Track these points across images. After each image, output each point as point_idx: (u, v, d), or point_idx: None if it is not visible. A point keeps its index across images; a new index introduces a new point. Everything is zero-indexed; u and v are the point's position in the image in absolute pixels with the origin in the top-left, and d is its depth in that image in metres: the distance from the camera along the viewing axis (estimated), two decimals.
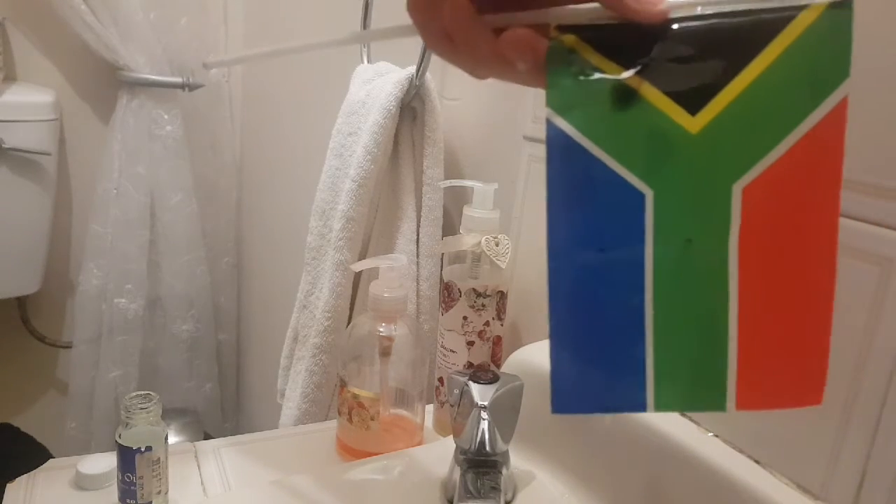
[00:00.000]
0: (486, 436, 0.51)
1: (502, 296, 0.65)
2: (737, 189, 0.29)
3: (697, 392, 0.30)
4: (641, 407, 0.31)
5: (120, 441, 0.52)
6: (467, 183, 0.66)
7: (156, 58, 1.45)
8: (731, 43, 0.28)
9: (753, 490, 0.43)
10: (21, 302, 1.55)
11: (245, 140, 1.65)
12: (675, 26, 0.28)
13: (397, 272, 0.63)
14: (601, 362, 0.31)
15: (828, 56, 0.27)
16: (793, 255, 0.29)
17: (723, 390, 0.30)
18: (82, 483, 0.58)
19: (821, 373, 0.29)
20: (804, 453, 0.43)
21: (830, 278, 0.29)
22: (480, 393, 0.51)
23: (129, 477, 0.52)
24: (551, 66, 0.29)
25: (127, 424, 0.52)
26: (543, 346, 0.62)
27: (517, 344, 0.67)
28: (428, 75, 0.75)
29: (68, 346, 1.56)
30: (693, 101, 0.28)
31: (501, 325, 0.65)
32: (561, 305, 0.30)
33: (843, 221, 0.40)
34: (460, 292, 0.63)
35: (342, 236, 0.76)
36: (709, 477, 0.45)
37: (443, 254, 0.72)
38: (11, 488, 0.57)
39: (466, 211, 0.65)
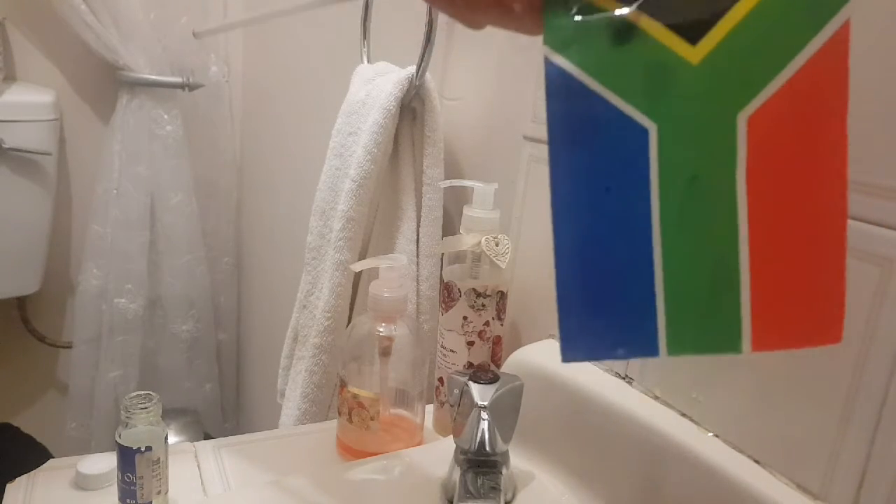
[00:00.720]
0: (486, 436, 0.51)
1: (502, 296, 0.65)
2: (741, 119, 0.28)
3: (711, 334, 0.30)
4: (653, 351, 0.30)
5: (120, 441, 0.52)
6: (467, 183, 0.66)
7: (156, 58, 1.45)
8: None
9: (753, 490, 0.43)
10: (21, 302, 1.55)
11: (245, 140, 1.65)
12: None
13: (397, 272, 0.63)
14: (610, 306, 0.30)
15: None
16: (801, 187, 0.28)
17: (738, 331, 0.29)
18: (82, 483, 0.58)
19: (838, 308, 0.29)
20: (804, 453, 0.43)
21: (842, 207, 0.28)
22: (480, 393, 0.51)
23: (129, 477, 0.52)
24: (548, 4, 0.29)
25: (127, 424, 0.52)
26: (543, 346, 0.62)
27: (517, 344, 0.67)
28: (428, 75, 0.75)
29: (68, 346, 1.56)
30: (693, 30, 0.28)
31: (501, 325, 0.65)
32: (566, 249, 0.29)
33: None
34: (460, 292, 0.63)
35: (342, 236, 0.76)
36: (709, 477, 0.45)
37: (443, 254, 0.72)
38: (11, 488, 0.57)
39: (466, 211, 0.65)
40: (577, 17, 0.28)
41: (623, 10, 0.28)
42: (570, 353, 0.30)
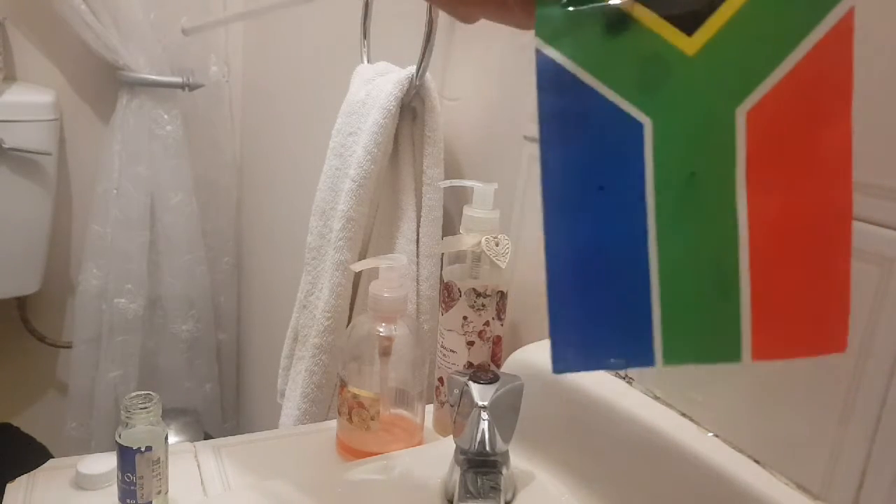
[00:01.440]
0: (486, 436, 0.51)
1: (502, 296, 0.65)
2: (740, 114, 0.27)
3: (709, 342, 0.28)
4: (649, 361, 0.28)
5: (120, 441, 0.52)
6: (467, 183, 0.66)
7: (156, 58, 1.45)
8: None
9: (753, 490, 0.43)
10: (21, 302, 1.55)
11: (245, 140, 1.65)
12: None
13: (397, 272, 0.63)
14: (603, 314, 0.28)
15: None
16: (804, 186, 0.27)
17: (737, 339, 0.28)
18: (82, 483, 0.58)
19: (843, 316, 0.27)
20: (804, 453, 0.43)
21: (846, 208, 0.27)
22: (480, 393, 0.51)
23: (129, 477, 0.52)
24: None
25: (127, 424, 0.52)
26: (543, 346, 0.62)
27: (517, 344, 0.67)
28: (428, 75, 0.75)
29: (68, 346, 1.57)
30: (689, 20, 0.27)
31: (501, 325, 0.65)
32: (558, 253, 0.28)
33: None
34: (460, 292, 0.63)
35: (342, 236, 0.76)
36: (709, 477, 0.45)
37: (443, 254, 0.72)
38: (11, 488, 0.57)
39: (466, 211, 0.65)
40: (570, 7, 0.27)
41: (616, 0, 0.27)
42: (562, 363, 0.29)
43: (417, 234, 0.78)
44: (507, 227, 0.69)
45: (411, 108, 0.78)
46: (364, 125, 0.76)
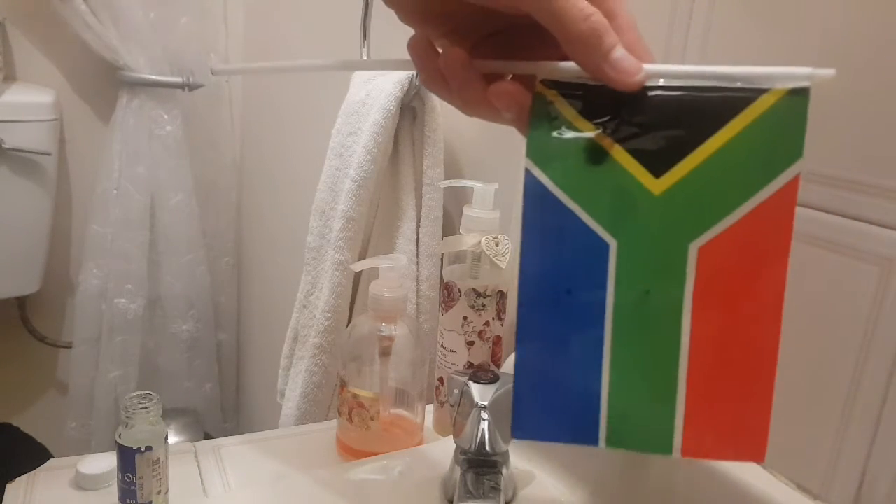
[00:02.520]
0: (486, 436, 0.51)
1: (502, 296, 0.65)
2: (693, 248, 0.31)
3: (646, 435, 0.32)
4: (594, 441, 0.33)
5: (120, 441, 0.52)
6: (467, 183, 0.66)
7: (156, 58, 1.45)
8: (697, 115, 0.30)
9: (753, 490, 0.43)
10: (21, 302, 1.55)
11: (245, 140, 1.65)
12: (649, 93, 0.31)
13: (397, 272, 0.63)
14: (560, 396, 0.33)
15: (784, 136, 0.29)
16: (741, 315, 0.31)
17: (670, 435, 0.32)
18: (82, 483, 0.57)
19: (762, 430, 0.31)
20: (804, 453, 0.43)
21: (775, 341, 0.30)
22: (480, 393, 0.51)
23: (129, 477, 0.52)
24: (534, 119, 0.32)
25: (127, 424, 0.52)
26: None
27: None
28: None
29: (68, 346, 1.56)
30: (658, 164, 0.31)
31: (501, 325, 0.65)
32: (528, 340, 0.33)
33: (843, 221, 0.40)
34: (460, 292, 0.63)
35: (342, 236, 0.76)
36: (709, 477, 0.45)
37: (443, 254, 0.72)
38: (11, 488, 0.57)
39: (466, 211, 0.65)
40: (557, 135, 0.31)
41: (597, 135, 0.31)
42: (521, 432, 0.33)
43: (417, 234, 0.78)
44: (507, 227, 0.69)
45: (411, 108, 0.78)
46: (364, 125, 0.76)
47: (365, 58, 0.87)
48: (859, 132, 0.39)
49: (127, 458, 0.52)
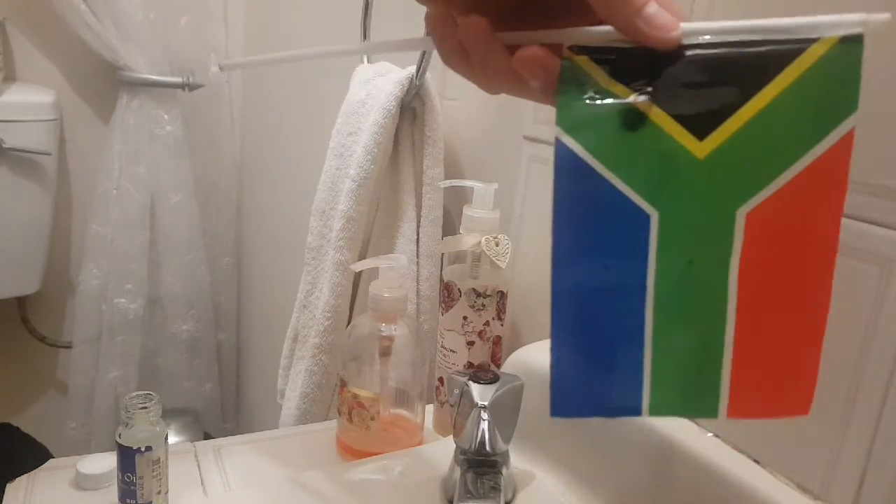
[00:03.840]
0: (486, 436, 0.51)
1: (502, 296, 0.65)
2: (740, 214, 0.29)
3: (691, 399, 0.31)
4: (637, 411, 0.31)
5: (120, 441, 0.52)
6: (467, 183, 0.66)
7: (156, 58, 1.45)
8: (741, 72, 0.28)
9: (753, 490, 0.43)
10: (21, 302, 1.55)
11: (245, 140, 1.65)
12: (687, 52, 0.29)
13: (397, 272, 0.63)
14: (600, 370, 0.32)
15: (837, 89, 0.28)
16: (790, 282, 0.29)
17: (716, 398, 0.31)
18: (82, 483, 0.58)
19: (810, 385, 0.30)
20: (804, 453, 0.43)
21: (824, 305, 0.29)
22: (480, 393, 0.51)
23: (129, 477, 0.52)
24: (562, 85, 0.30)
25: (127, 424, 0.52)
26: (543, 346, 0.62)
27: (517, 344, 0.67)
28: (428, 75, 0.75)
29: (68, 346, 1.56)
30: (701, 126, 0.29)
31: (501, 325, 0.65)
32: (563, 318, 0.31)
33: (843, 221, 0.40)
34: (460, 292, 0.63)
35: (342, 236, 0.76)
36: (709, 477, 0.45)
37: (443, 254, 0.72)
38: (11, 488, 0.57)
39: (466, 211, 0.65)
40: (589, 101, 0.29)
41: (634, 98, 0.29)
42: (561, 409, 0.32)
43: (417, 234, 0.78)
44: (507, 227, 0.69)
45: (411, 108, 0.77)
46: (364, 125, 0.76)
47: (365, 59, 0.87)
48: (860, 132, 0.39)
49: (127, 458, 0.52)
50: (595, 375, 0.32)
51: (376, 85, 0.78)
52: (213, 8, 1.55)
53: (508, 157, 0.70)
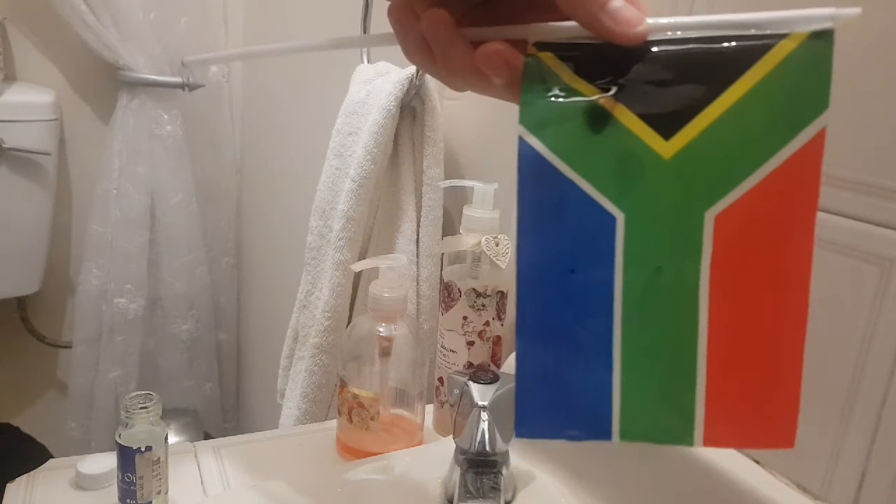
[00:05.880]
0: (486, 436, 0.51)
1: (502, 296, 0.65)
2: (709, 217, 0.28)
3: (664, 424, 0.30)
4: (607, 436, 0.30)
5: (120, 441, 0.52)
6: (467, 183, 0.66)
7: (156, 58, 1.45)
8: (708, 69, 0.27)
9: (753, 490, 0.43)
10: (21, 302, 1.55)
11: (245, 140, 1.65)
12: (653, 49, 0.28)
13: (397, 272, 0.63)
14: (567, 388, 0.30)
15: (807, 86, 0.27)
16: (765, 288, 0.28)
17: (690, 424, 0.29)
18: (82, 483, 0.58)
19: (793, 413, 0.28)
20: (804, 453, 0.43)
21: (803, 313, 0.28)
22: (480, 393, 0.51)
23: (129, 477, 0.52)
24: (526, 83, 0.29)
25: (127, 424, 0.52)
26: None
27: None
28: (428, 75, 0.75)
29: (68, 346, 1.56)
30: (667, 125, 0.28)
31: (501, 325, 0.65)
32: (529, 328, 0.30)
33: (843, 221, 0.40)
34: (460, 292, 0.63)
35: (342, 236, 0.76)
36: (709, 477, 0.45)
37: (443, 254, 0.72)
38: (11, 488, 0.57)
39: (466, 211, 0.65)
40: (553, 99, 0.28)
41: (598, 97, 0.28)
42: (525, 429, 0.30)
43: (417, 234, 0.78)
44: (507, 227, 0.69)
45: (411, 108, 0.77)
46: (364, 125, 0.76)
47: (366, 59, 0.87)
48: (859, 132, 0.39)
49: (127, 458, 0.52)
50: (562, 394, 0.30)
51: (376, 85, 0.78)
52: (213, 8, 1.55)
53: (508, 157, 0.70)
